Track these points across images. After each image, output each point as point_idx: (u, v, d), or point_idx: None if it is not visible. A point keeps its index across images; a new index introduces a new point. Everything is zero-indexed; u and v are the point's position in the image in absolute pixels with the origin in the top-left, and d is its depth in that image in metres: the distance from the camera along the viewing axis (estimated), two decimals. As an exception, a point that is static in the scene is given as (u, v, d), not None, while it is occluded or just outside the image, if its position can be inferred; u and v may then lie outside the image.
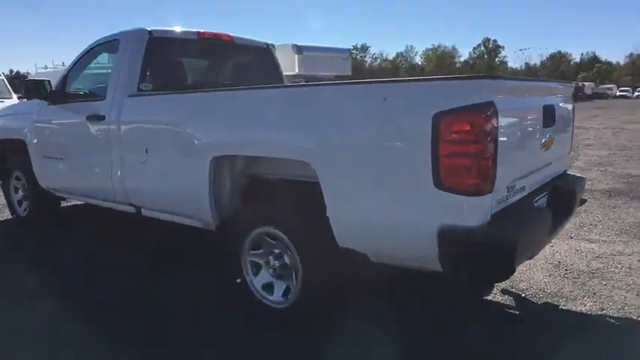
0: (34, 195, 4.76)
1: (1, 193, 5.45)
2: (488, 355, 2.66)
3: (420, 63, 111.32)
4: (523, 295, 3.39)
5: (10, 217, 5.32)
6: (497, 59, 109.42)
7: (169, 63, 4.04)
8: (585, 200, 3.75)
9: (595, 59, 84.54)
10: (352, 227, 2.46)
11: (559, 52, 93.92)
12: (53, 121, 4.36)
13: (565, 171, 3.47)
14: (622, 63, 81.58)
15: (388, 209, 2.31)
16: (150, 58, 3.77)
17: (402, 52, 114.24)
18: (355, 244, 2.48)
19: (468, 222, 2.11)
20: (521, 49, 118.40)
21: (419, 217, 2.22)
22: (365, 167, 2.35)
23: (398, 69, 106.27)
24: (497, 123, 2.11)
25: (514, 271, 2.18)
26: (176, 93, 3.48)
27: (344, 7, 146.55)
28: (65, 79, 4.32)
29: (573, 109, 3.44)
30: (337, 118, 2.41)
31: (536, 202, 2.73)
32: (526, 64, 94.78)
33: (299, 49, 15.12)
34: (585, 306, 3.20)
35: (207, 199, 3.05)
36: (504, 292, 3.44)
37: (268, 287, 2.94)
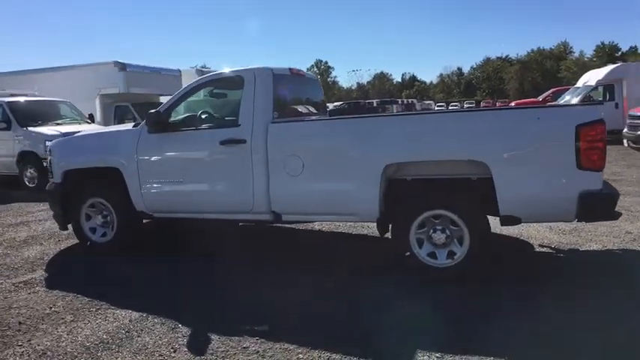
0: (126, 219, 5.03)
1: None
2: (560, 273, 4.22)
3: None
4: (553, 245, 5.08)
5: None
6: (329, 79, 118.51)
7: (283, 94, 4.87)
8: None
9: (414, 79, 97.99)
10: (515, 200, 3.79)
11: (382, 72, 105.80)
12: (167, 148, 4.80)
13: None
14: (435, 82, 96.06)
15: (543, 185, 3.73)
16: (275, 91, 4.60)
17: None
18: (514, 211, 3.82)
19: (597, 187, 3.64)
20: (353, 70, 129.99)
21: (566, 188, 3.67)
22: (526, 161, 3.73)
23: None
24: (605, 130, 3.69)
25: (619, 214, 3.78)
26: (338, 118, 4.43)
27: (176, 29, 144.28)
28: (169, 111, 4.82)
29: None
30: (506, 131, 3.76)
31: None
32: (357, 83, 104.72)
33: (122, 66, 13.64)
34: (592, 247, 4.99)
35: (378, 197, 4.09)
36: (541, 245, 5.10)
37: (431, 254, 4.09)
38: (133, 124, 5.30)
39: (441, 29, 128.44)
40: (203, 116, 4.82)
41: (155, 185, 4.85)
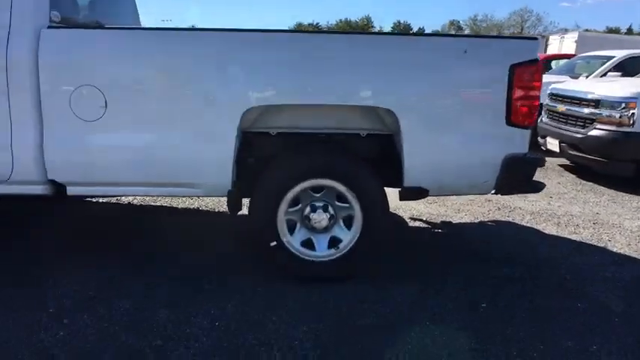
0: None
1: None
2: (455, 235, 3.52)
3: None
4: (424, 218, 4.33)
5: None
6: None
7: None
8: None
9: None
10: (425, 167, 2.74)
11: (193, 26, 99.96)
12: None
13: None
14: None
15: (463, 146, 2.73)
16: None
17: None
18: (422, 181, 2.77)
19: (523, 150, 2.78)
20: (163, 20, 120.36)
21: (490, 151, 2.74)
22: (446, 113, 2.68)
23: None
24: None
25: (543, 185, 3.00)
26: (168, 29, 2.71)
27: None
28: None
29: None
30: (423, 67, 2.61)
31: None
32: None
33: None
34: (464, 219, 4.39)
35: (232, 159, 2.64)
36: (412, 218, 4.31)
37: (307, 243, 2.84)
38: None
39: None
40: None
41: None
